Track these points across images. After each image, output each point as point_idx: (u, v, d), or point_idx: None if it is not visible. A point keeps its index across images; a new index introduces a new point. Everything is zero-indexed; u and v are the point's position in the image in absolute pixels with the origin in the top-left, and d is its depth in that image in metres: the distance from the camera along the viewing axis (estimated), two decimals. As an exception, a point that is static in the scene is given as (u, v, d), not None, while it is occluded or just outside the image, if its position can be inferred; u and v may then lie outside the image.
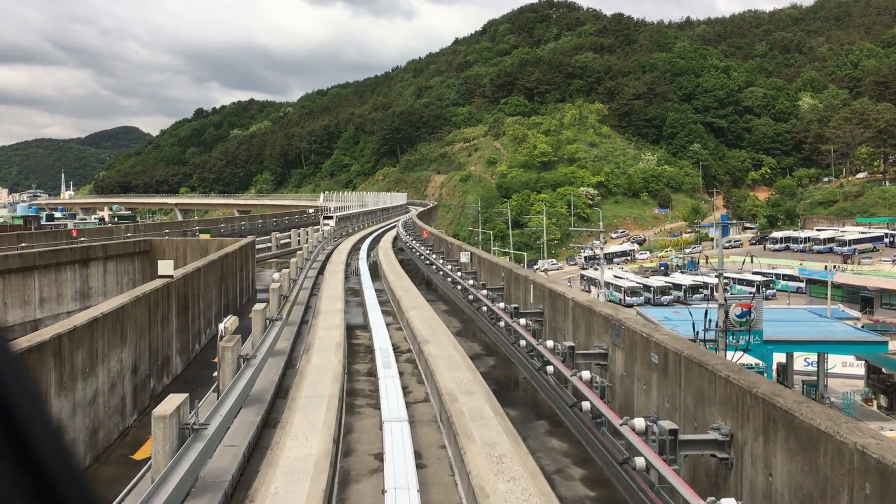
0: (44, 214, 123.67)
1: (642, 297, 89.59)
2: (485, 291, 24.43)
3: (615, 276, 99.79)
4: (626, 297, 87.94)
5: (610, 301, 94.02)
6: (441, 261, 34.84)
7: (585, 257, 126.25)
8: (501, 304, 21.35)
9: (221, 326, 14.46)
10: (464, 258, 31.86)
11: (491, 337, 22.11)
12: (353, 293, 31.32)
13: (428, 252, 39.13)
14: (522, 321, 18.56)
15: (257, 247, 41.79)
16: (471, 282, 27.49)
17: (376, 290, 30.27)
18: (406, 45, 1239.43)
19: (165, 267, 16.97)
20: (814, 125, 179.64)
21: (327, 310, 23.58)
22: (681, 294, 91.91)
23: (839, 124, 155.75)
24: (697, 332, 27.56)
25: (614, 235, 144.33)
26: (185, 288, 18.75)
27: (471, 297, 26.01)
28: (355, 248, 49.86)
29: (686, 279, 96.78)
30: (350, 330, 22.68)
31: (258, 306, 17.80)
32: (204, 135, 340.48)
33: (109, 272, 31.45)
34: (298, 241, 48.22)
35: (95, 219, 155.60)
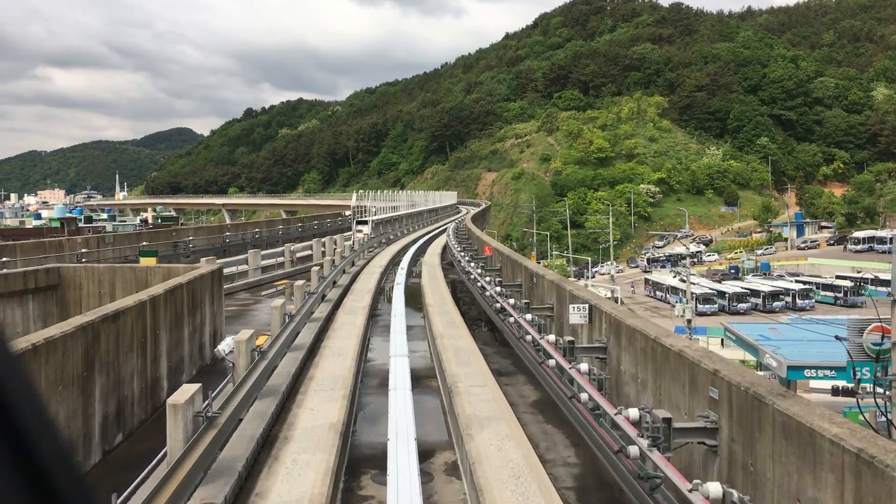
0: (82, 216, 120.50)
1: (716, 305, 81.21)
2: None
3: (682, 281, 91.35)
4: (699, 305, 79.49)
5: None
6: (518, 310, 18.91)
7: (648, 259, 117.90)
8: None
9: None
10: (576, 317, 15.72)
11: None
12: (373, 375, 18.36)
13: (492, 284, 23.60)
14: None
15: (264, 263, 34.82)
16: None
17: (411, 355, 18.32)
18: (455, 44, 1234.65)
19: None
20: (890, 116, 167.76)
21: (311, 427, 12.08)
22: (759, 301, 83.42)
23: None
24: (859, 381, 20.32)
25: (678, 235, 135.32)
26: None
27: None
28: (393, 264, 40.52)
29: (764, 285, 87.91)
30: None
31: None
32: (253, 134, 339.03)
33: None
34: (323, 251, 39.74)
35: (139, 220, 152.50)
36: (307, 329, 20.85)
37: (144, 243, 34.99)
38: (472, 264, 29.74)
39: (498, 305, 20.92)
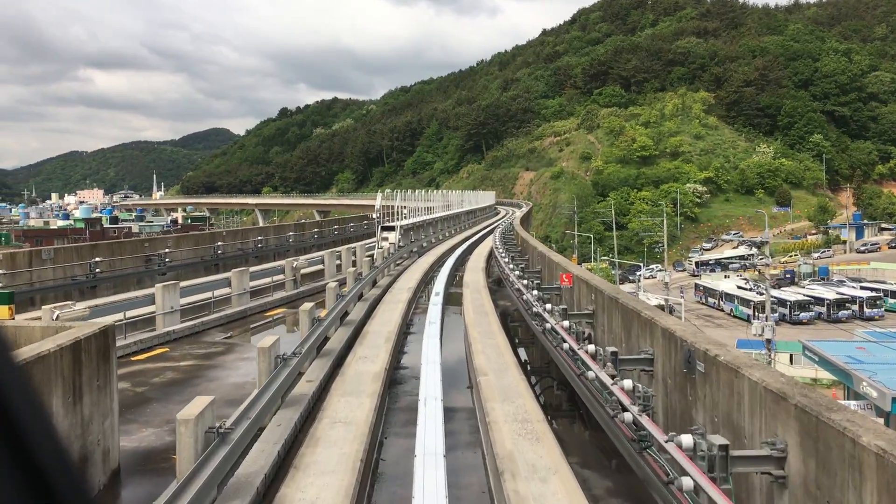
0: (109, 217, 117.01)
1: (776, 315, 74.70)
2: None
3: (739, 288, 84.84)
4: (757, 314, 73.08)
5: (736, 318, 79.80)
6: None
7: (697, 263, 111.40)
8: None
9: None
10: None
11: None
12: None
13: (602, 366, 12.25)
14: None
15: (256, 284, 27.02)
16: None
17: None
18: (490, 43, 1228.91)
19: None
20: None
21: None
22: (822, 310, 76.87)
23: None
24: None
25: (727, 237, 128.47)
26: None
27: None
28: (424, 283, 32.60)
29: (828, 291, 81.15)
30: None
31: None
32: (287, 134, 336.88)
33: None
34: (339, 265, 32.93)
35: (169, 220, 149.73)
36: (272, 431, 12.34)
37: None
38: (526, 287, 21.65)
39: (595, 380, 11.90)
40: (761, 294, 78.89)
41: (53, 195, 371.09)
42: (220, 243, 32.26)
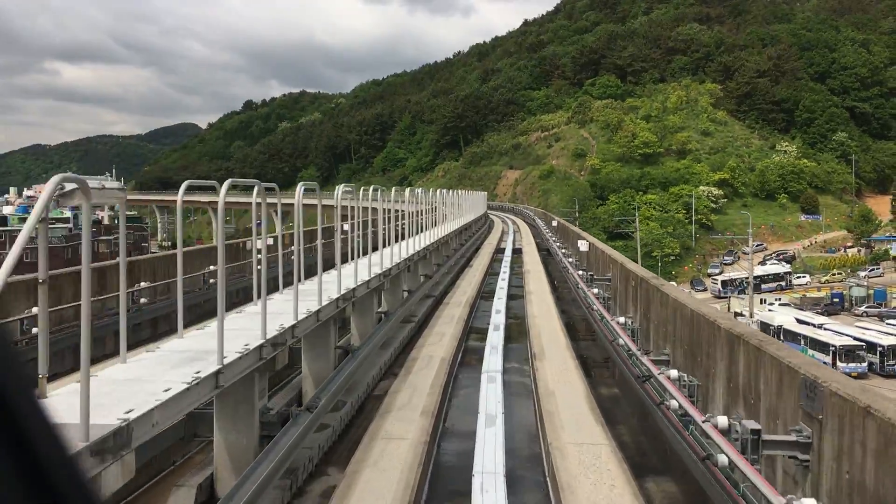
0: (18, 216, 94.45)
1: (865, 365, 54.73)
2: None
3: (800, 322, 64.59)
4: (838, 363, 52.92)
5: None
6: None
7: (723, 282, 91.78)
8: None
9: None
10: None
11: None
12: None
13: None
14: None
15: None
16: None
17: None
18: (465, 41, 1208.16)
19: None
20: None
21: None
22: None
23: None
24: None
25: (747, 250, 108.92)
26: None
27: None
28: None
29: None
30: None
31: None
32: (251, 128, 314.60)
33: None
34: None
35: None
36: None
37: None
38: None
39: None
40: (840, 334, 59.10)
41: (12, 189, 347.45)
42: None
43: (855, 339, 56.57)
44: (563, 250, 35.18)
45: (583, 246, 31.40)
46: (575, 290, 24.41)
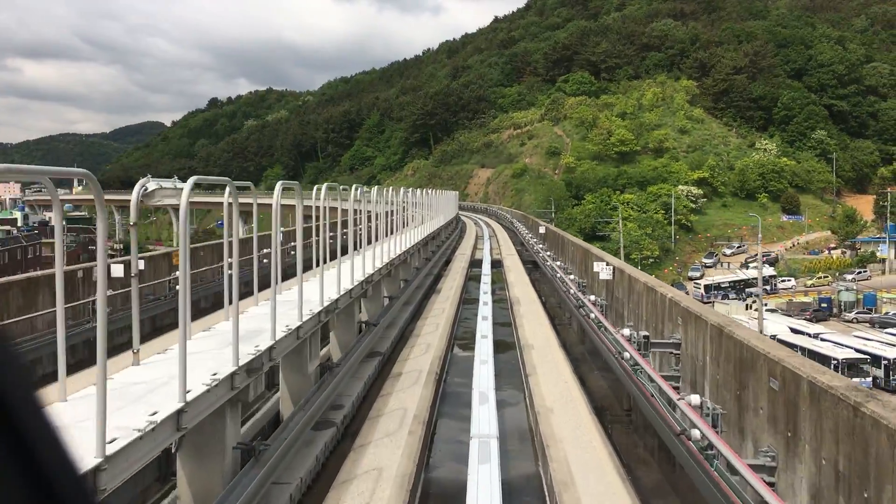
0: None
1: (869, 380, 50.39)
2: None
3: (794, 332, 60.07)
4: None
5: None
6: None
7: (706, 286, 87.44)
8: None
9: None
10: None
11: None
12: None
13: None
14: None
15: None
16: None
17: None
18: (435, 40, 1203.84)
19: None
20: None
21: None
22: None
23: None
24: None
25: (728, 252, 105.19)
26: None
27: None
28: None
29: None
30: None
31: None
32: (216, 126, 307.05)
33: None
34: None
35: (34, 222, 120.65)
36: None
37: None
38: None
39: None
40: (841, 346, 54.73)
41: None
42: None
43: (857, 350, 52.27)
44: (571, 276, 25.66)
45: (603, 273, 21.16)
46: (598, 340, 16.80)
